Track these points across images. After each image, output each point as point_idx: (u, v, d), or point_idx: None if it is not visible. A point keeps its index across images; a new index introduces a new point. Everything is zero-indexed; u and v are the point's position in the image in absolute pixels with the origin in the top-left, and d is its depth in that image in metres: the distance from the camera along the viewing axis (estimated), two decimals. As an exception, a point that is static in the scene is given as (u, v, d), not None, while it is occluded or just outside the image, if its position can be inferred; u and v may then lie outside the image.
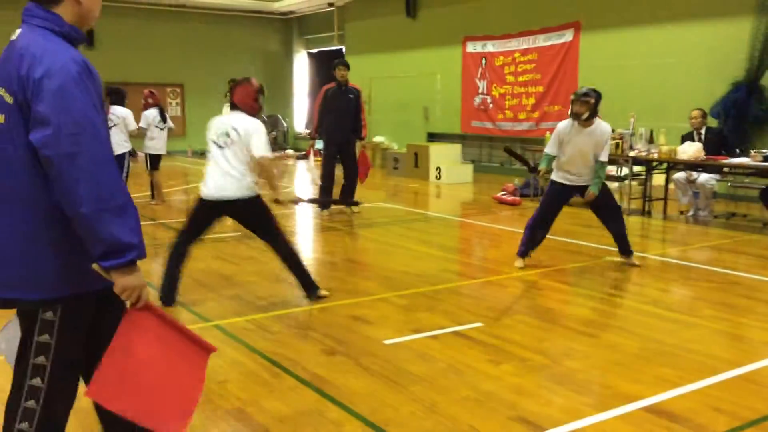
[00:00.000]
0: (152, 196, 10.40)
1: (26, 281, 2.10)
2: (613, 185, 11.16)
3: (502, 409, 3.42)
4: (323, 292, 5.28)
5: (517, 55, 14.42)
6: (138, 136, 9.72)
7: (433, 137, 16.52)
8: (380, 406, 3.44)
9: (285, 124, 21.26)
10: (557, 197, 6.36)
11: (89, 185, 1.98)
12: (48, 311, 2.15)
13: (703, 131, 9.19)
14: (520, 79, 14.42)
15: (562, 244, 7.52)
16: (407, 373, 3.86)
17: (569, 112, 6.14)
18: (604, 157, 6.17)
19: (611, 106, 12.11)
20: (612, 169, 10.67)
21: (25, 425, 2.22)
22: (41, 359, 2.18)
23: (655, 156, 9.19)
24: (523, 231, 6.48)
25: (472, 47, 15.48)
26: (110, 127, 9.35)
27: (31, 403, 2.20)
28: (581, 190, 6.28)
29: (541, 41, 13.85)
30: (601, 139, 6.13)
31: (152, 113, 10.02)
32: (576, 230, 8.27)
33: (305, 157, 17.19)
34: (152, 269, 5.87)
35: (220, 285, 5.82)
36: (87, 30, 2.26)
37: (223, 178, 4.87)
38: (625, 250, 6.44)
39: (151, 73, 19.17)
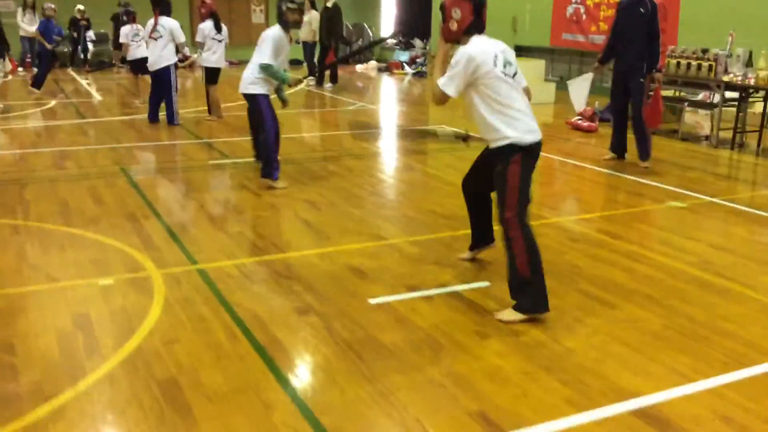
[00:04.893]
0: (209, 111, 10.18)
1: None
2: (702, 112, 10.04)
3: (465, 400, 2.96)
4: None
5: (615, -41, 12.95)
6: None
7: (520, 51, 15.39)
8: (327, 387, 3.06)
9: (371, 34, 20.50)
10: None
11: None
12: None
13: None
14: (618, -13, 12.98)
15: (627, 183, 6.74)
16: (377, 344, 3.45)
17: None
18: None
19: (706, 21, 10.78)
20: (708, 95, 9.53)
21: None
22: None
23: (752, 82, 8.04)
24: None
25: (566, -50, 14.07)
26: (156, 39, 9.13)
27: None
28: None
29: (643, -56, 12.31)
30: None
31: (207, 25, 9.69)
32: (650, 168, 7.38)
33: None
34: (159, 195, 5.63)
35: (228, 219, 5.53)
36: None
37: (533, 118, 3.98)
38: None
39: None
